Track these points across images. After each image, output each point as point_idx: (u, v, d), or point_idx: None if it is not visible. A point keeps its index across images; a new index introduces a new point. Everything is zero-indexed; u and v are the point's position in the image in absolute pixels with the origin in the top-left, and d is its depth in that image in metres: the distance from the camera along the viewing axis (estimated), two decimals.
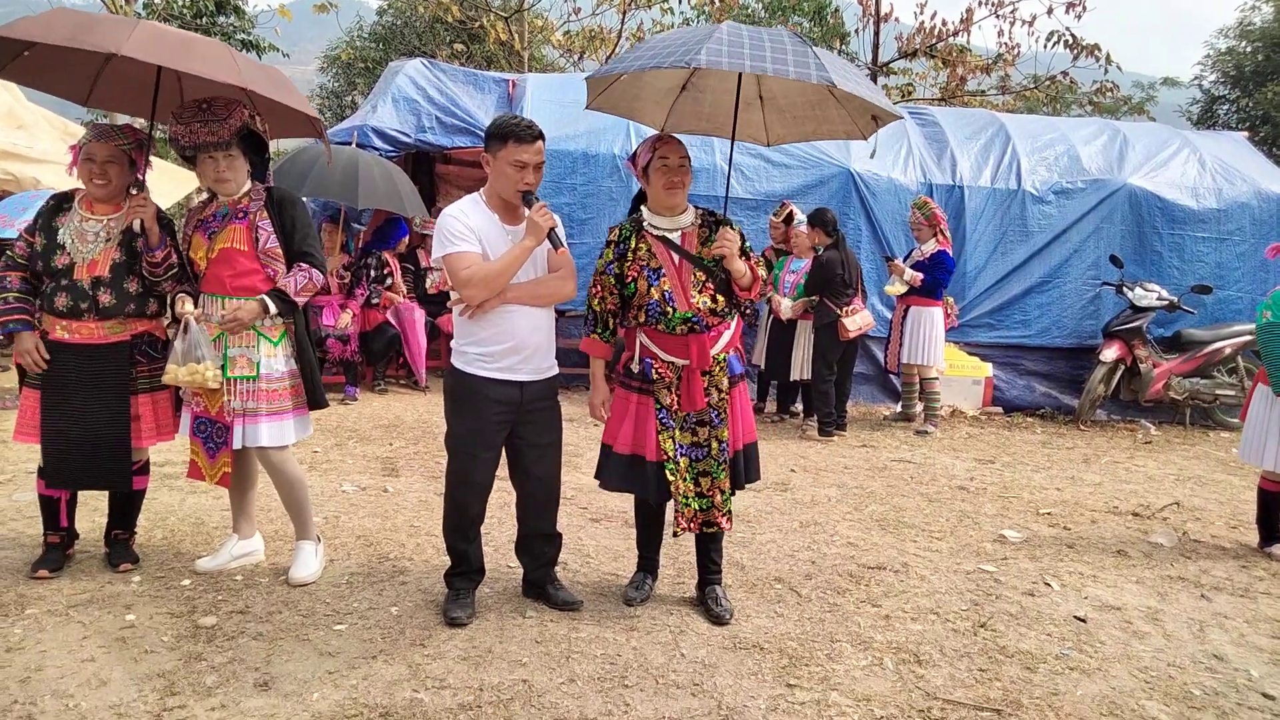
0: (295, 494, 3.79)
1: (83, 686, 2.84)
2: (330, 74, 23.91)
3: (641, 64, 3.21)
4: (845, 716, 2.87)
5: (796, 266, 7.42)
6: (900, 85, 16.97)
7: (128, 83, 3.72)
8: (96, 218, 3.59)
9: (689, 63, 3.02)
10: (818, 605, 3.76)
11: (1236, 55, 22.39)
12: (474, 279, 3.23)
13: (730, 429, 3.47)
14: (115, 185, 3.59)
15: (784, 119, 3.78)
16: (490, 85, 9.34)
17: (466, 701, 2.84)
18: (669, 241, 3.44)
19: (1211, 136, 10.26)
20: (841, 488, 5.67)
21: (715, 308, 3.40)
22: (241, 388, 3.57)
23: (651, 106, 3.84)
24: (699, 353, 3.38)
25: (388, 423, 6.93)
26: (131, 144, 3.62)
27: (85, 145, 3.56)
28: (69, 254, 3.53)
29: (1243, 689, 3.22)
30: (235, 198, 3.62)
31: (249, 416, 3.58)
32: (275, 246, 3.60)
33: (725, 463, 3.45)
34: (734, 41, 3.12)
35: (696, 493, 3.47)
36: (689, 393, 3.40)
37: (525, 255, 3.28)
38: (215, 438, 3.65)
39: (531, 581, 3.67)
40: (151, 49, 3.16)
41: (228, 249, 3.56)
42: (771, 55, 3.08)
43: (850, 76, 3.22)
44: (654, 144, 3.43)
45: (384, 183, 7.51)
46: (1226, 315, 8.67)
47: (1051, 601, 3.93)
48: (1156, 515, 5.41)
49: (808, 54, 3.13)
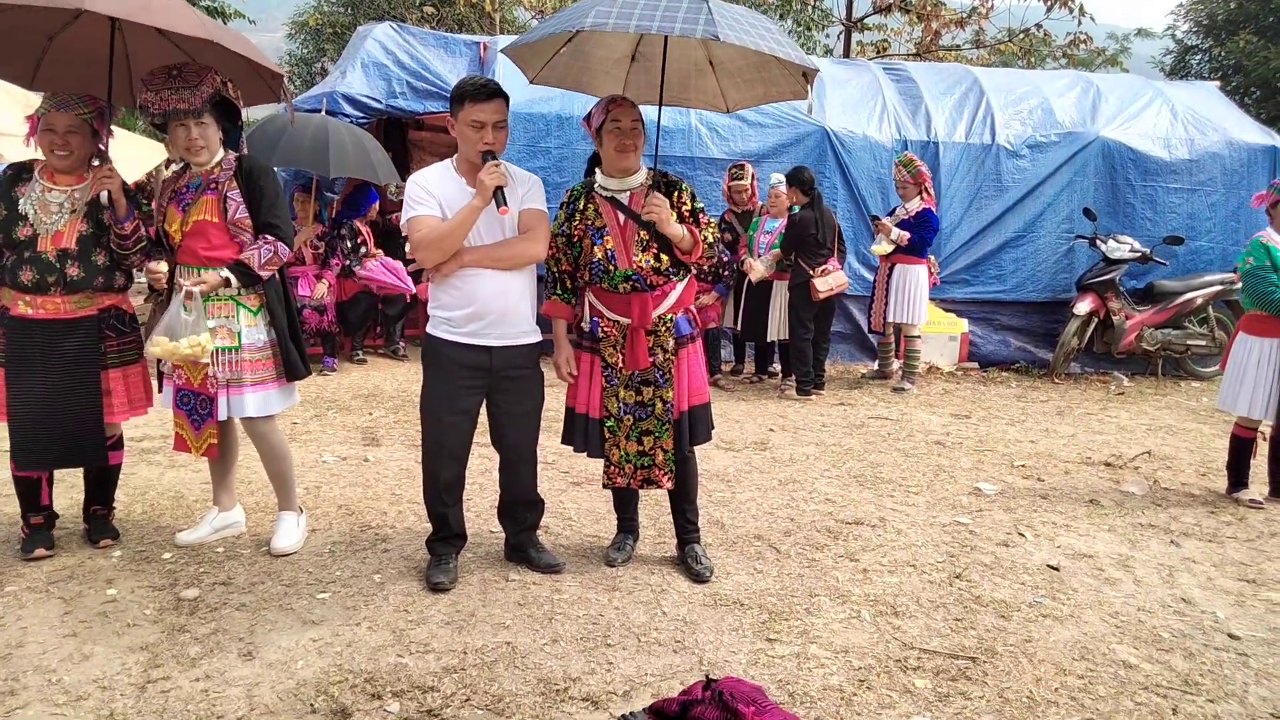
0: (279, 465, 3.80)
1: (65, 661, 2.85)
2: (299, 40, 23.51)
3: (543, 32, 3.23)
4: (824, 668, 2.93)
5: (771, 227, 7.40)
6: (875, 41, 16.86)
7: (74, 59, 3.61)
8: (60, 188, 3.52)
9: (574, 27, 2.99)
10: (796, 561, 3.81)
11: (1209, 4, 22.38)
12: (423, 241, 3.23)
13: (675, 389, 3.48)
14: (77, 155, 3.52)
15: (736, 83, 3.70)
16: (461, 48, 9.20)
17: (451, 665, 2.88)
18: (616, 201, 3.45)
19: (1184, 87, 10.28)
20: (820, 445, 5.73)
21: (659, 266, 3.40)
22: (224, 358, 3.56)
23: (602, 78, 3.76)
24: (640, 311, 3.39)
25: (367, 392, 6.91)
26: (92, 112, 3.53)
27: (44, 115, 3.47)
28: (31, 225, 3.44)
29: (1209, 630, 3.30)
30: (208, 168, 3.56)
31: (233, 387, 3.58)
32: (244, 217, 3.55)
33: (669, 423, 3.47)
34: (627, 1, 3.00)
35: (638, 450, 3.50)
36: (632, 351, 3.42)
37: (473, 216, 3.25)
38: (199, 410, 3.63)
39: (514, 545, 3.70)
40: (115, 4, 3.07)
41: (201, 221, 3.52)
42: (662, 14, 2.96)
43: (746, 30, 3.04)
44: (607, 105, 3.41)
45: (355, 150, 7.42)
46: (1198, 266, 8.75)
47: (1025, 551, 4.01)
48: (1128, 465, 5.50)
49: (700, 9, 2.98)
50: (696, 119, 8.41)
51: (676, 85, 3.71)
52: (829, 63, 10.17)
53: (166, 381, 3.71)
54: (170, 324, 3.44)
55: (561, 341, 3.58)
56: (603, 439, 3.53)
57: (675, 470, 3.52)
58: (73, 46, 3.56)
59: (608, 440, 3.52)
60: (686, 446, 3.55)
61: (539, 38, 3.36)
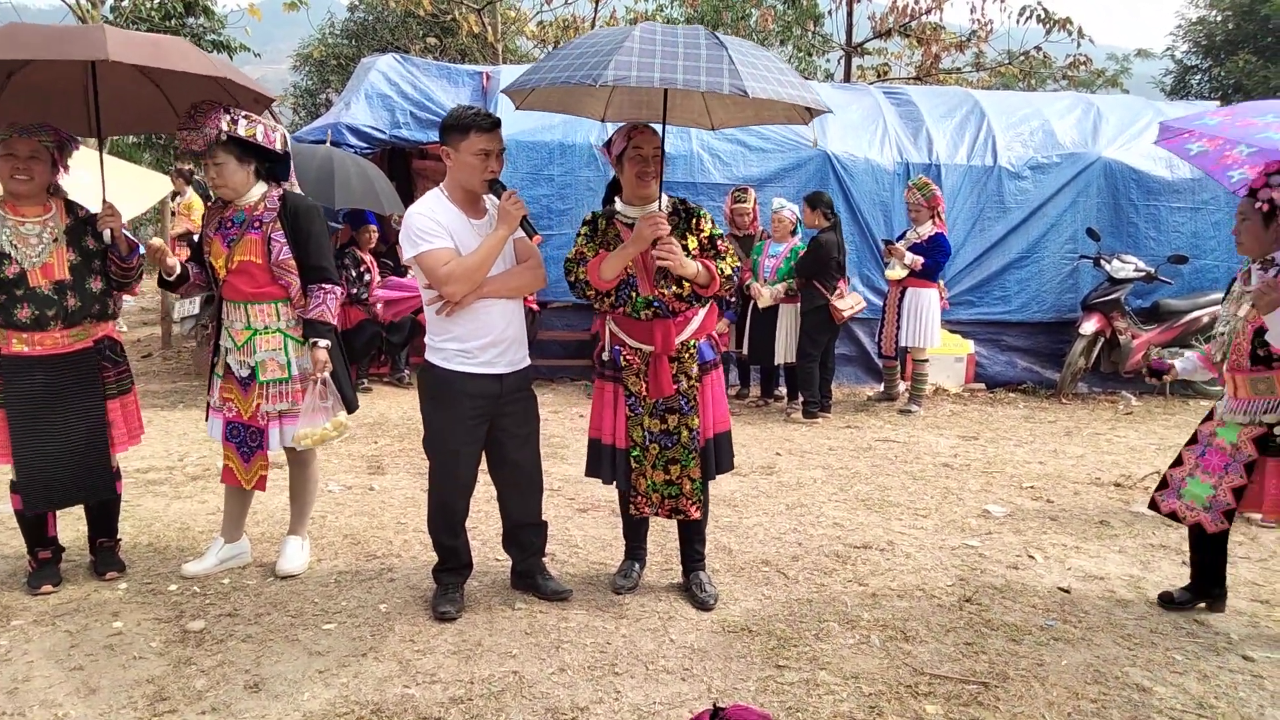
0: (308, 491, 3.89)
1: (71, 695, 2.83)
2: (303, 72, 23.70)
3: (553, 78, 3.09)
4: (834, 695, 2.90)
5: (775, 251, 7.42)
6: (876, 65, 16.98)
7: (33, 95, 3.61)
8: (31, 220, 3.47)
9: (595, 80, 2.85)
10: (805, 586, 3.79)
11: (1207, 25, 22.49)
12: (454, 274, 3.22)
13: (701, 417, 3.47)
14: (37, 182, 3.47)
15: (724, 104, 3.69)
16: (464, 78, 9.29)
17: (458, 695, 2.86)
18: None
19: (1184, 107, 10.33)
20: (827, 469, 5.70)
21: (681, 293, 3.40)
22: (274, 390, 3.60)
23: (586, 99, 3.72)
24: (663, 338, 3.39)
25: (372, 420, 6.91)
26: (54, 142, 3.51)
27: (5, 140, 3.41)
28: (17, 262, 3.41)
29: (1223, 652, 3.27)
30: (251, 204, 3.58)
31: (285, 418, 3.62)
32: (289, 258, 3.58)
33: (695, 451, 3.46)
34: (645, 50, 2.96)
35: (665, 480, 3.49)
36: (656, 378, 3.41)
37: (501, 245, 3.30)
38: (249, 441, 3.65)
39: (520, 573, 3.69)
40: (129, 51, 3.13)
41: (245, 262, 3.55)
42: (684, 65, 2.93)
43: (769, 77, 3.04)
44: (629, 133, 3.42)
45: (360, 181, 7.47)
46: (1203, 284, 8.73)
47: (1036, 574, 3.98)
48: (1138, 485, 5.46)
49: (721, 59, 2.97)
50: (698, 144, 8.47)
51: (660, 103, 3.70)
52: (830, 87, 10.25)
53: (214, 414, 3.73)
54: (309, 413, 3.56)
55: (628, 246, 3.35)
56: (629, 468, 3.50)
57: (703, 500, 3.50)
58: (30, 82, 3.57)
59: (634, 470, 3.50)
60: (713, 474, 3.54)
61: (548, 83, 3.18)
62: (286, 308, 3.63)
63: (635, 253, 3.31)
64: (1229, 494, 3.40)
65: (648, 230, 3.24)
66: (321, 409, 3.58)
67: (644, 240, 3.26)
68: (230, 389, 3.66)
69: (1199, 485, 3.48)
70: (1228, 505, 3.41)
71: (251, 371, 3.59)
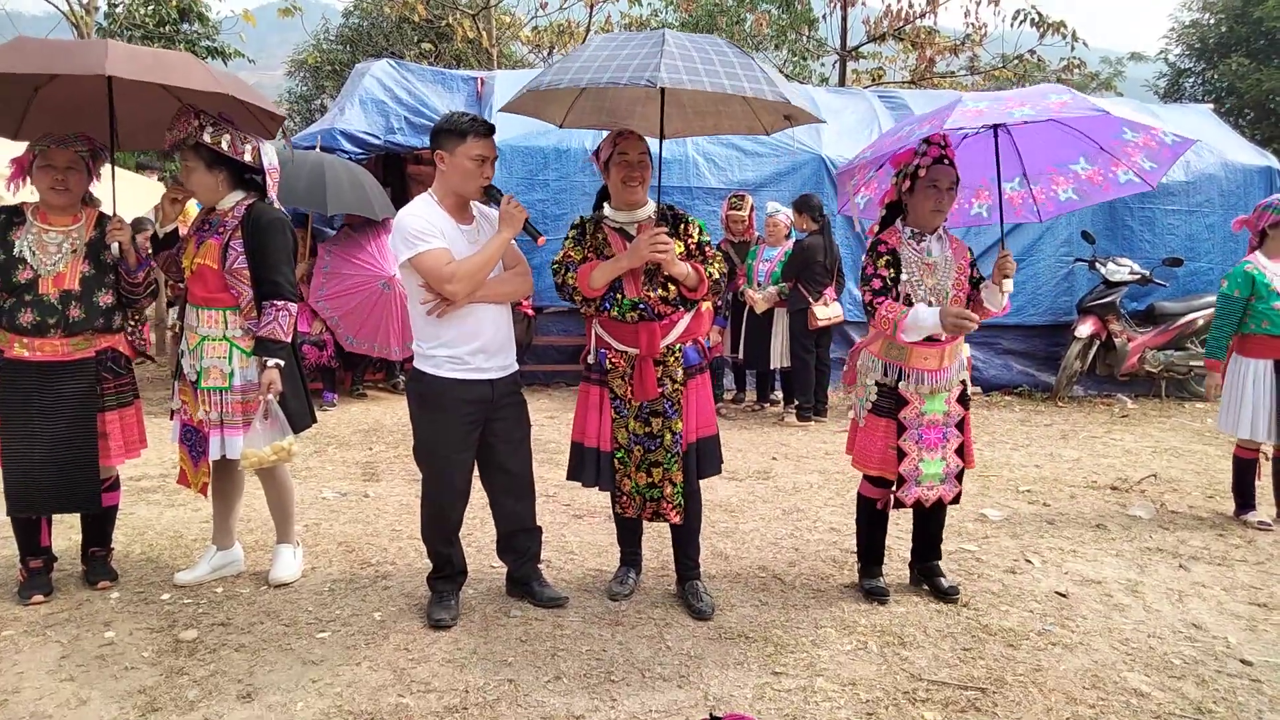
0: (282, 498, 3.82)
1: (62, 707, 2.81)
2: (298, 78, 23.71)
3: (610, 78, 3.03)
4: (831, 701, 2.88)
5: (770, 255, 7.41)
6: (870, 70, 17.00)
7: (59, 108, 3.62)
8: (57, 229, 3.51)
9: (652, 81, 2.89)
10: (802, 592, 3.77)
11: (1200, 28, 22.59)
12: (458, 274, 3.21)
13: (685, 421, 3.46)
14: (74, 193, 3.51)
15: (683, 113, 3.70)
16: (459, 84, 9.29)
17: (452, 704, 2.83)
18: (624, 233, 3.45)
19: (1178, 110, 10.35)
20: (823, 473, 5.69)
21: (667, 296, 3.39)
22: (215, 399, 3.54)
23: (550, 104, 3.69)
24: (648, 340, 3.37)
25: (367, 427, 6.89)
26: (88, 152, 3.54)
27: (43, 151, 3.45)
28: (32, 268, 3.44)
29: (1221, 656, 3.26)
30: (224, 209, 3.56)
31: (227, 427, 3.56)
32: (243, 268, 3.51)
33: (678, 455, 3.44)
34: (685, 56, 3.00)
35: (648, 483, 3.47)
36: (640, 381, 3.40)
37: (504, 248, 3.31)
38: (198, 446, 3.62)
39: (516, 579, 3.67)
40: (132, 67, 3.13)
41: (202, 265, 3.52)
42: (725, 70, 2.99)
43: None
44: (615, 139, 3.42)
45: (352, 187, 7.45)
46: (1198, 287, 8.75)
47: (1032, 578, 3.97)
48: (1134, 488, 5.46)
49: (752, 65, 3.06)
50: (694, 150, 8.47)
51: (622, 111, 3.70)
52: (825, 91, 10.24)
53: (176, 417, 3.71)
54: (252, 435, 3.48)
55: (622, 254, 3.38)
56: (614, 471, 3.51)
57: (685, 505, 3.49)
58: (56, 97, 3.59)
59: (618, 472, 3.50)
60: (695, 480, 3.53)
61: (612, 83, 3.09)
62: (236, 316, 3.54)
63: (629, 266, 3.31)
64: (955, 458, 3.58)
65: (647, 251, 3.24)
66: (262, 432, 3.49)
67: (641, 258, 3.27)
68: (186, 392, 3.63)
69: (931, 465, 3.55)
70: (959, 467, 3.61)
71: (198, 376, 3.57)
